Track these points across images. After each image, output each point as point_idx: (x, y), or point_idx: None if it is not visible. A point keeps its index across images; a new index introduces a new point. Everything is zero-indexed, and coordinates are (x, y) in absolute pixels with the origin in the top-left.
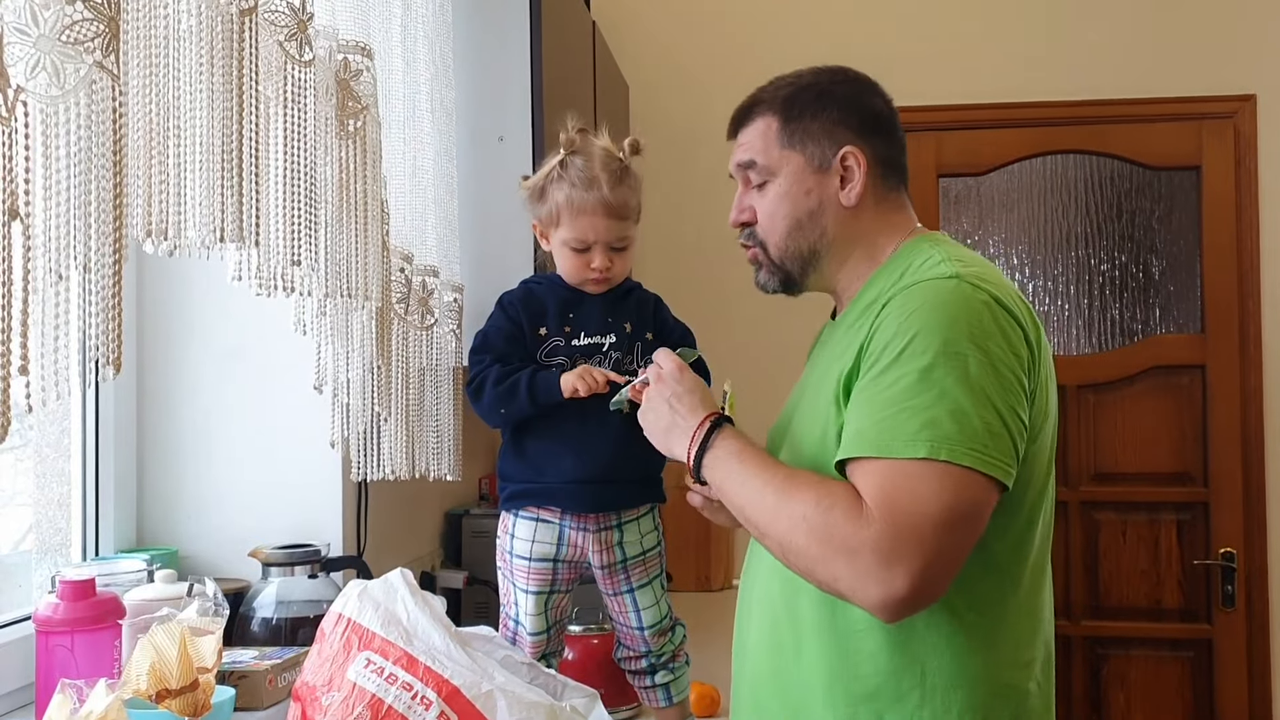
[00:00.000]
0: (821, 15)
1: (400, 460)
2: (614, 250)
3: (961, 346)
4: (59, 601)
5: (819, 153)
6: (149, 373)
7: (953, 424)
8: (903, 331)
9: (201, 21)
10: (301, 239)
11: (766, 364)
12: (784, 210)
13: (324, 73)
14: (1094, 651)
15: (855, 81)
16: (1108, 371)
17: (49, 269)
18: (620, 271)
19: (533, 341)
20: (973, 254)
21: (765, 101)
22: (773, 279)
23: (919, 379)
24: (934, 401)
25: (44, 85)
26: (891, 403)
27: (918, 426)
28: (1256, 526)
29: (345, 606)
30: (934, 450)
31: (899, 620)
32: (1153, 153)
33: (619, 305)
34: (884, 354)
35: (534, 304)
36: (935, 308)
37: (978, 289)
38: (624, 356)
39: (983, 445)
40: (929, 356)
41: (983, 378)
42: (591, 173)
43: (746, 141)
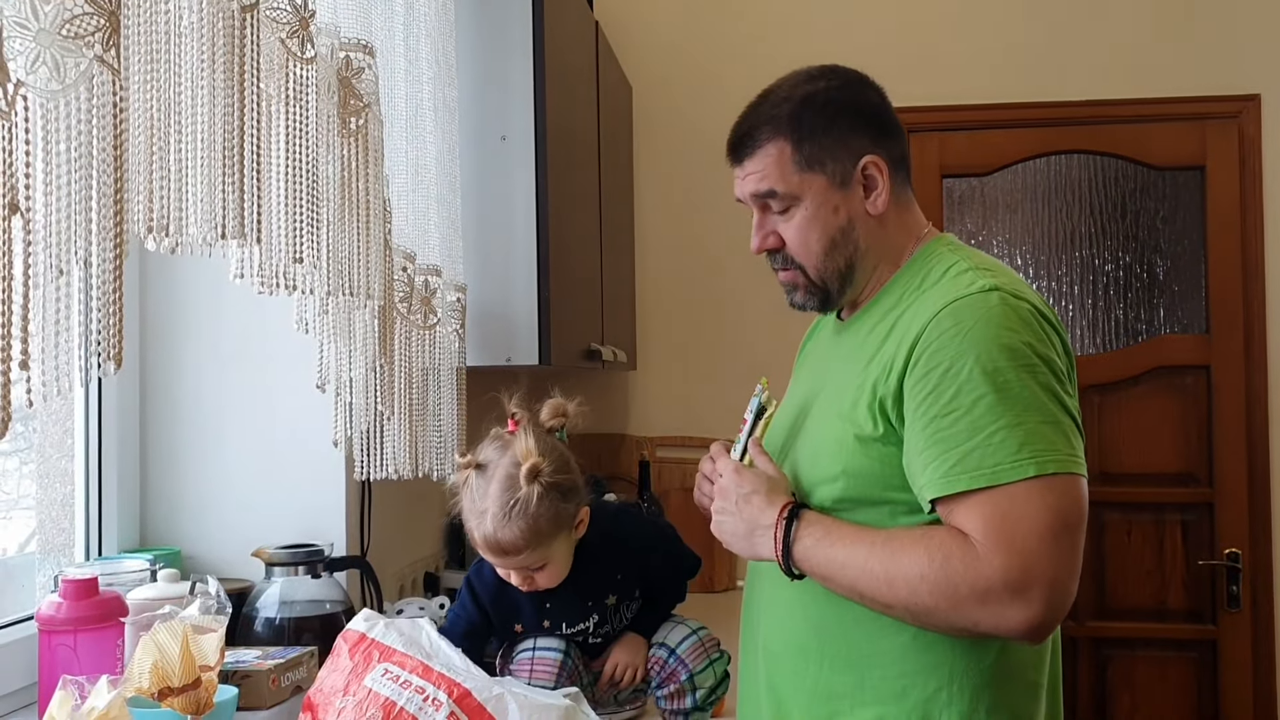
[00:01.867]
0: (825, 15)
1: (404, 460)
2: (530, 569)
3: (1028, 359)
4: (62, 600)
5: (839, 169)
6: (152, 372)
7: (1049, 436)
8: (964, 353)
9: (203, 17)
10: (303, 236)
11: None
12: (816, 233)
13: (326, 70)
14: (1099, 652)
15: (852, 82)
16: (1112, 372)
17: (50, 264)
18: (547, 582)
19: (505, 633)
20: (991, 259)
21: (768, 123)
22: (812, 299)
23: (999, 399)
24: (1022, 418)
25: (44, 80)
26: (978, 428)
27: (1017, 446)
28: (1261, 527)
29: (369, 630)
30: (1042, 466)
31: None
32: (1157, 153)
33: (595, 578)
34: (947, 378)
35: (506, 598)
36: (989, 324)
37: (1020, 300)
38: (614, 626)
39: (1073, 449)
40: (1002, 374)
41: (1052, 384)
42: (482, 504)
43: (759, 170)
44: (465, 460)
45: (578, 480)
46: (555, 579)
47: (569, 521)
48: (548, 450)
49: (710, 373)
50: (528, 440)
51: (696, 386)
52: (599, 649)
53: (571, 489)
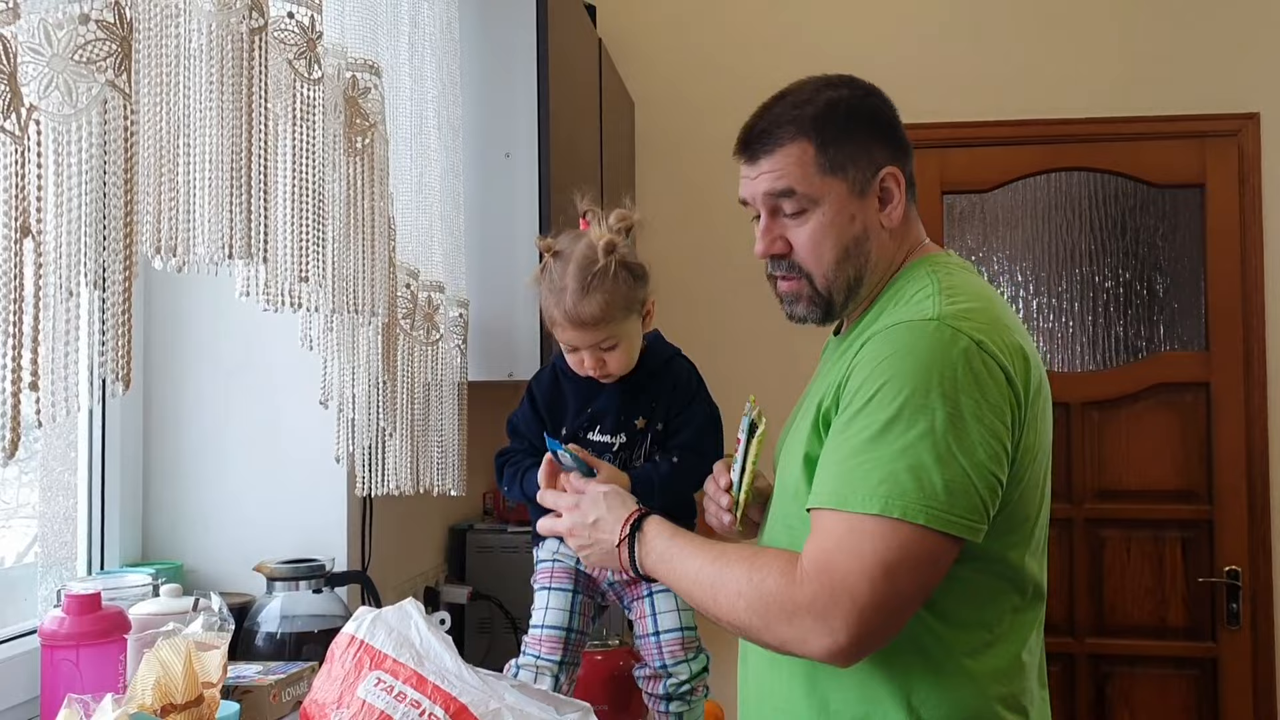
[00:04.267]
0: (826, 33)
1: (405, 475)
2: (603, 350)
3: (929, 399)
4: (64, 615)
5: (860, 177)
6: (155, 387)
7: (911, 481)
8: (874, 377)
9: (212, 40)
10: (309, 255)
11: (771, 378)
12: (830, 240)
13: (332, 90)
14: (1098, 669)
15: (872, 93)
16: (1112, 388)
17: (60, 285)
18: (619, 367)
19: (555, 433)
20: (968, 281)
21: (792, 122)
22: (814, 310)
23: (881, 431)
24: (895, 456)
25: (57, 104)
26: (854, 454)
27: (876, 481)
28: (1261, 545)
29: (358, 630)
30: (887, 507)
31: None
32: (1156, 170)
33: (639, 396)
34: (855, 399)
35: (558, 399)
36: (907, 354)
37: (958, 333)
38: (630, 455)
39: (941, 503)
40: (894, 408)
41: (949, 432)
42: (561, 282)
43: (778, 168)
44: (544, 244)
45: (647, 269)
46: (624, 363)
47: (639, 305)
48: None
49: (710, 386)
50: (601, 226)
51: None
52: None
53: (642, 273)
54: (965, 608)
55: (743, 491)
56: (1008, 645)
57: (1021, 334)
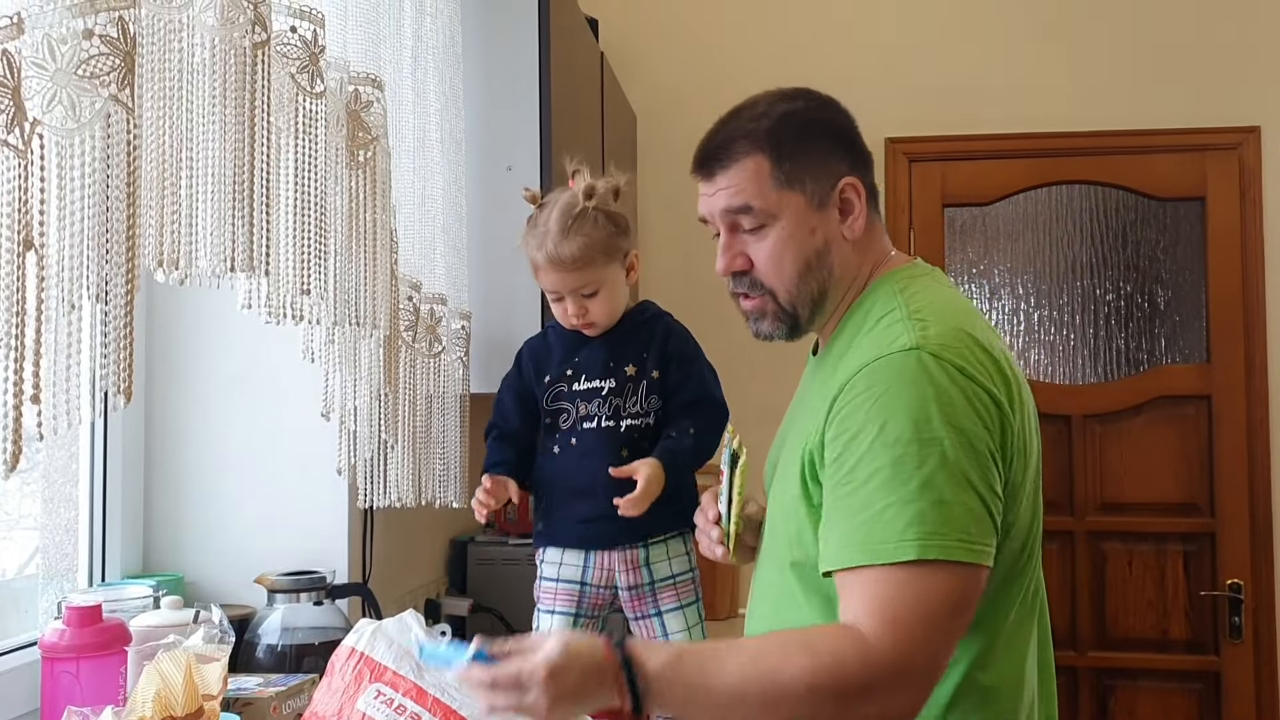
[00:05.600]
0: (827, 44)
1: (406, 487)
2: (585, 296)
3: (934, 430)
4: (65, 628)
5: (818, 189)
6: (157, 399)
7: (938, 517)
8: (870, 420)
9: (215, 54)
10: (311, 268)
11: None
12: (791, 254)
13: (335, 104)
14: (1101, 683)
15: (828, 104)
16: (1113, 401)
17: (62, 299)
18: (602, 315)
19: (539, 387)
20: (935, 298)
21: (746, 136)
22: (780, 327)
23: (894, 473)
24: (915, 495)
25: (60, 118)
26: (870, 502)
27: (903, 526)
28: (1263, 558)
29: (358, 642)
30: (924, 550)
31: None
32: (1158, 183)
33: (624, 345)
34: (853, 444)
35: (542, 351)
36: (900, 390)
37: (940, 361)
38: (624, 401)
39: (969, 535)
40: (901, 446)
41: (960, 460)
42: (545, 226)
43: (734, 184)
44: (531, 195)
45: (628, 221)
46: (607, 311)
47: (620, 253)
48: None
49: None
50: (586, 177)
51: None
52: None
53: (623, 224)
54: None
55: (732, 523)
56: (1010, 656)
57: (994, 344)
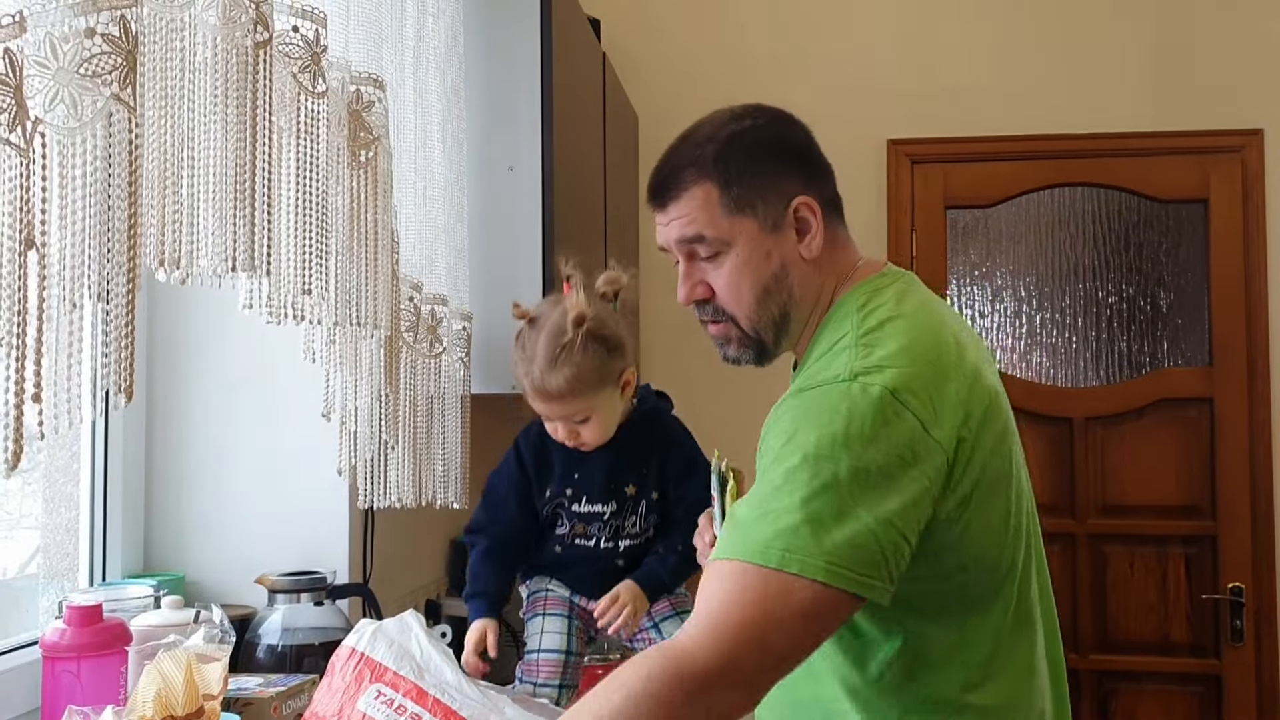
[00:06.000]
0: (830, 46)
1: (407, 488)
2: (576, 422)
3: (834, 450)
4: (66, 627)
5: (770, 212)
6: (158, 399)
7: (809, 535)
8: (781, 434)
9: (217, 54)
10: (312, 268)
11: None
12: (748, 281)
13: (336, 104)
14: (1102, 686)
15: (777, 120)
16: (1115, 404)
17: (63, 298)
18: (594, 438)
19: (539, 496)
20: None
21: (693, 164)
22: (746, 351)
23: (783, 483)
24: (794, 509)
25: (62, 117)
26: (758, 505)
27: (773, 534)
28: (1265, 561)
29: (359, 642)
30: (784, 561)
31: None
32: (1160, 186)
33: (623, 460)
34: (763, 456)
35: (541, 458)
36: (816, 413)
37: (868, 388)
38: (623, 522)
39: (840, 559)
40: (796, 460)
41: (851, 485)
42: (531, 352)
43: (685, 214)
44: (520, 311)
45: (624, 340)
46: (598, 435)
47: (613, 376)
48: (596, 307)
49: (713, 402)
50: (578, 294)
51: (699, 416)
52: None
53: (617, 345)
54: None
55: None
56: (1008, 674)
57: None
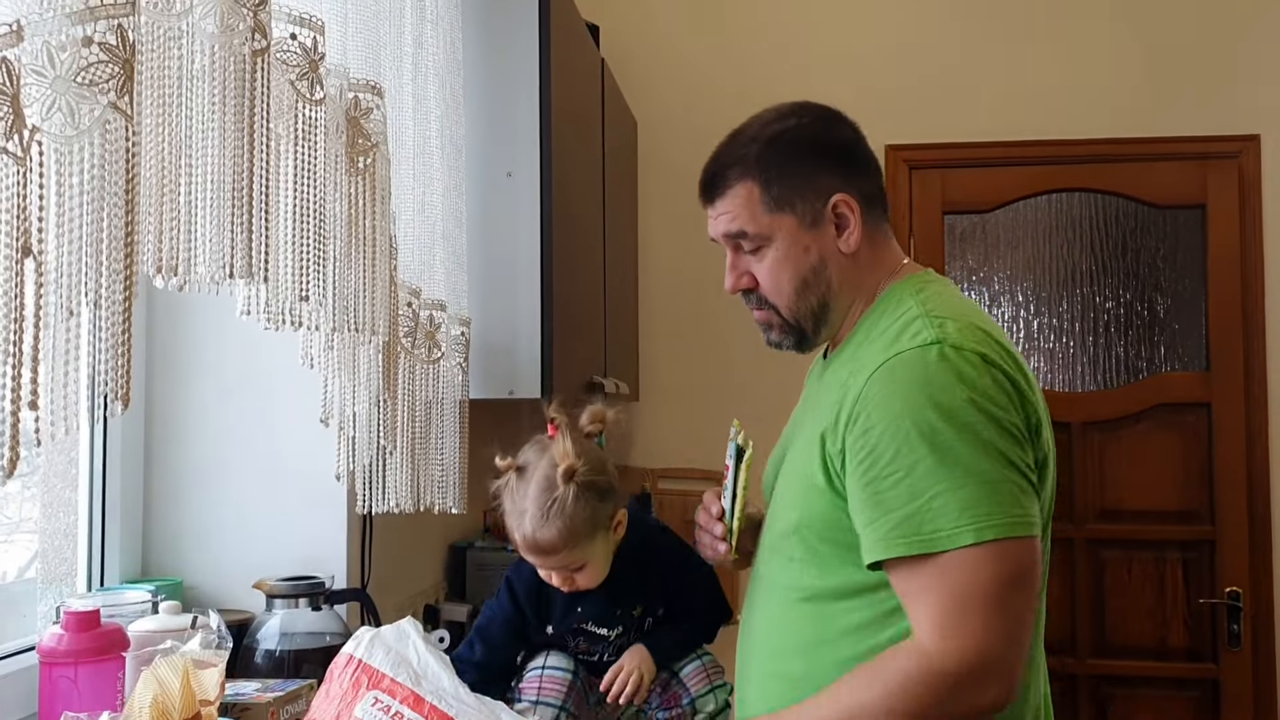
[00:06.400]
0: (828, 52)
1: (405, 493)
2: (570, 570)
3: (965, 416)
4: (63, 632)
5: (809, 209)
6: (156, 404)
7: (988, 499)
8: (900, 414)
9: (214, 62)
10: (310, 274)
11: (771, 398)
12: (788, 273)
13: (334, 111)
14: (1100, 690)
15: (822, 118)
16: (1113, 409)
17: (60, 305)
18: (588, 582)
19: (538, 631)
20: (950, 300)
21: (737, 163)
22: (787, 338)
23: (938, 462)
24: (963, 481)
25: (59, 125)
26: (917, 493)
27: (957, 511)
28: (1262, 565)
29: (356, 649)
30: (980, 534)
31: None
32: (1158, 192)
33: (624, 588)
34: (885, 439)
35: (539, 596)
36: (925, 383)
37: (961, 351)
38: (629, 639)
39: (1019, 510)
40: (940, 436)
41: (994, 440)
42: (521, 505)
43: (729, 210)
44: (506, 463)
45: (614, 482)
46: (594, 579)
47: (606, 522)
48: (584, 453)
49: (712, 404)
50: (565, 443)
51: (698, 418)
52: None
53: (608, 490)
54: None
55: (736, 519)
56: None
57: (1007, 343)
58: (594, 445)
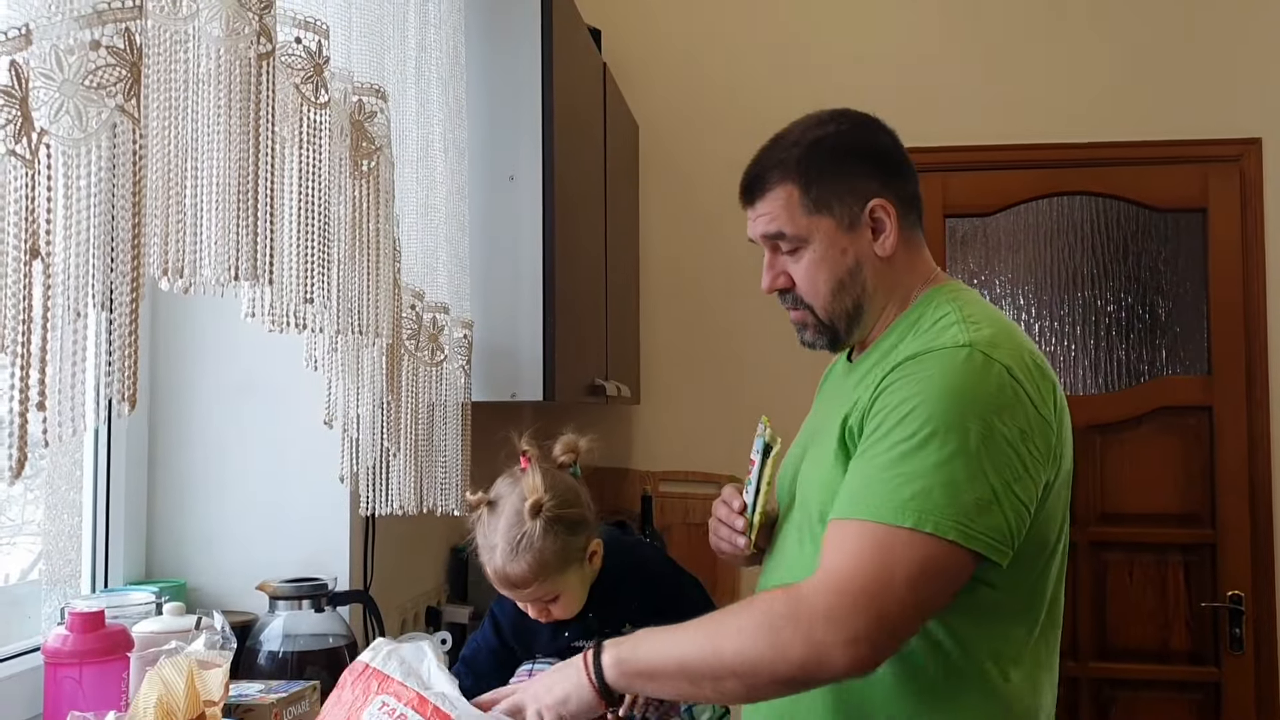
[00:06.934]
0: (829, 56)
1: (409, 495)
2: (545, 601)
3: (964, 419)
4: (68, 633)
5: (847, 212)
6: (161, 406)
7: (944, 496)
8: (909, 399)
9: (220, 65)
10: (314, 277)
11: (772, 401)
12: (824, 275)
13: (339, 114)
14: (1101, 693)
15: (861, 125)
16: (1114, 412)
17: (68, 306)
18: (564, 613)
19: (527, 656)
20: (986, 310)
21: (778, 166)
22: (821, 338)
23: (917, 447)
24: (928, 471)
25: (67, 128)
26: (887, 467)
27: (909, 495)
28: (1264, 569)
29: (373, 659)
30: (920, 521)
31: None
32: (1159, 195)
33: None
34: (888, 418)
35: (526, 631)
36: (943, 377)
37: (990, 359)
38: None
39: (970, 519)
40: (930, 426)
41: (981, 451)
42: (491, 540)
43: (769, 211)
44: (477, 498)
45: (585, 514)
46: (570, 610)
47: (578, 555)
48: (554, 485)
49: (713, 408)
50: (534, 477)
51: (699, 421)
52: None
53: (578, 522)
54: (981, 634)
55: (758, 514)
56: (1023, 670)
57: (1038, 354)
58: (566, 476)
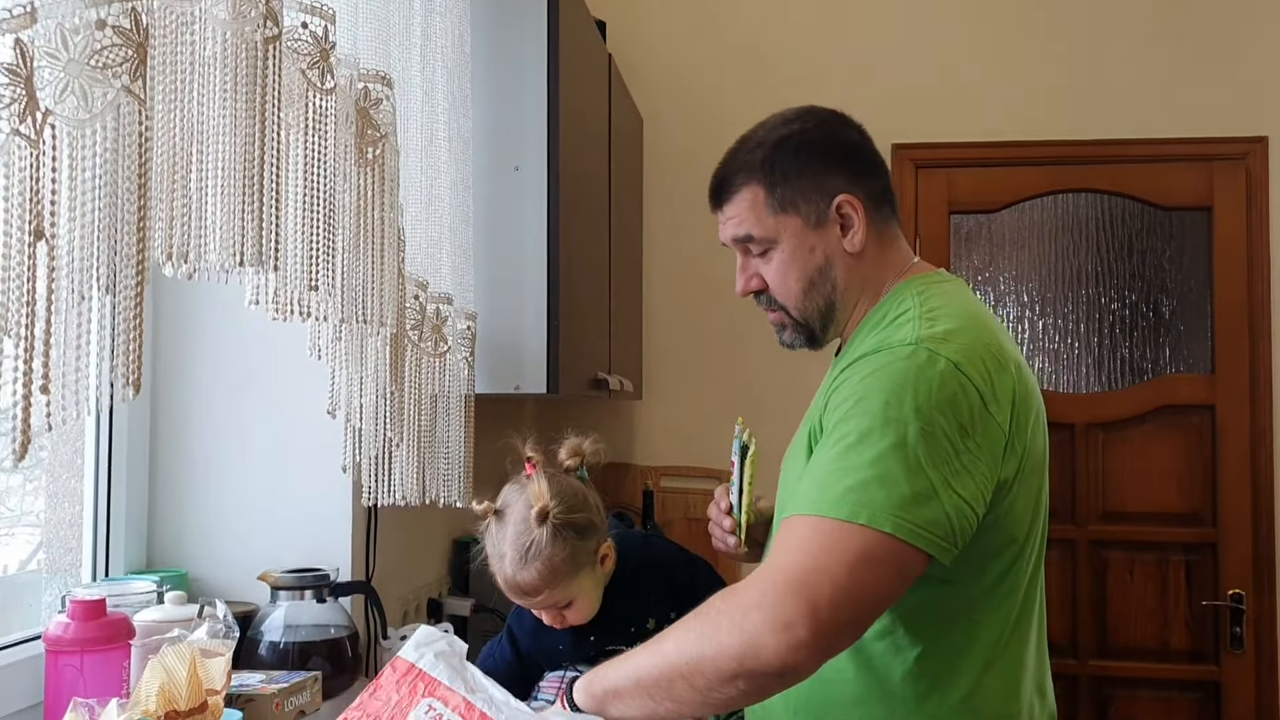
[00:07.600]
0: (834, 51)
1: (411, 486)
2: (559, 608)
3: (903, 412)
4: (69, 621)
5: (813, 210)
6: (162, 395)
7: (880, 489)
8: (852, 396)
9: (226, 48)
10: (318, 264)
11: (773, 396)
12: (794, 274)
13: (344, 101)
14: (1101, 691)
15: (826, 122)
16: (1117, 410)
17: (72, 289)
18: (578, 618)
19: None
20: (951, 303)
21: (743, 169)
22: (799, 337)
23: (856, 442)
24: (865, 465)
25: (72, 109)
26: (829, 463)
27: (845, 488)
28: (1265, 568)
29: (419, 660)
30: (854, 514)
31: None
32: (1164, 193)
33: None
34: (834, 416)
35: (547, 641)
36: (888, 374)
37: (935, 355)
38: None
39: (906, 512)
40: (869, 421)
41: (920, 446)
42: (500, 548)
43: (736, 214)
44: (484, 507)
45: (594, 518)
46: (585, 614)
47: (589, 558)
48: (561, 490)
49: (715, 403)
50: (540, 483)
51: (701, 417)
52: None
53: (587, 527)
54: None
55: (743, 513)
56: (996, 672)
57: (1007, 350)
58: (572, 481)
